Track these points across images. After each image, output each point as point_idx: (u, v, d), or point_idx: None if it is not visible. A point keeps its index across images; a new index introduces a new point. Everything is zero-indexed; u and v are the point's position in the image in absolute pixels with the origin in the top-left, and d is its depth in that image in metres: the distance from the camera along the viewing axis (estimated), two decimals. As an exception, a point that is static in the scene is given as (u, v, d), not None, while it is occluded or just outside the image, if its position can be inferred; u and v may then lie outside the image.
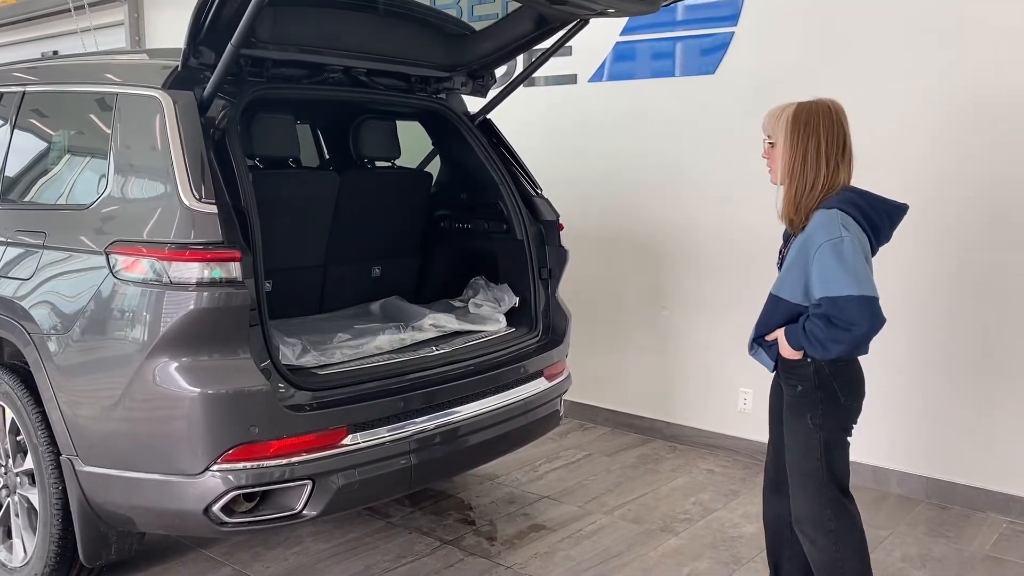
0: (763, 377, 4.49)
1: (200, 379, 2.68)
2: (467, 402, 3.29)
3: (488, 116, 3.98)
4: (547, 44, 3.71)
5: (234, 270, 2.68)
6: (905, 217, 2.59)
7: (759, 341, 2.68)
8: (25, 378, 3.08)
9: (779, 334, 2.57)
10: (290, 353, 3.09)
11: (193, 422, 2.67)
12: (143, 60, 3.66)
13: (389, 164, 4.10)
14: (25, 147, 3.51)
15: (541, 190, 3.96)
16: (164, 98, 2.86)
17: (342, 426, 2.89)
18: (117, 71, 3.26)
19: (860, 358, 2.62)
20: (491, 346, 3.55)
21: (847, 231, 2.42)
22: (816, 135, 2.52)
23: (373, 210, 3.95)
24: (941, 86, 3.92)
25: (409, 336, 3.48)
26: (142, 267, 2.71)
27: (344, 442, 2.88)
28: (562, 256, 3.88)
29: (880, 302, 2.42)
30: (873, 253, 2.56)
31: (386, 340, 3.39)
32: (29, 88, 3.52)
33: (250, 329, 2.74)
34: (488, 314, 3.79)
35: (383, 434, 2.98)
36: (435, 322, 3.62)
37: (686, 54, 4.72)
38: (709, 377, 4.79)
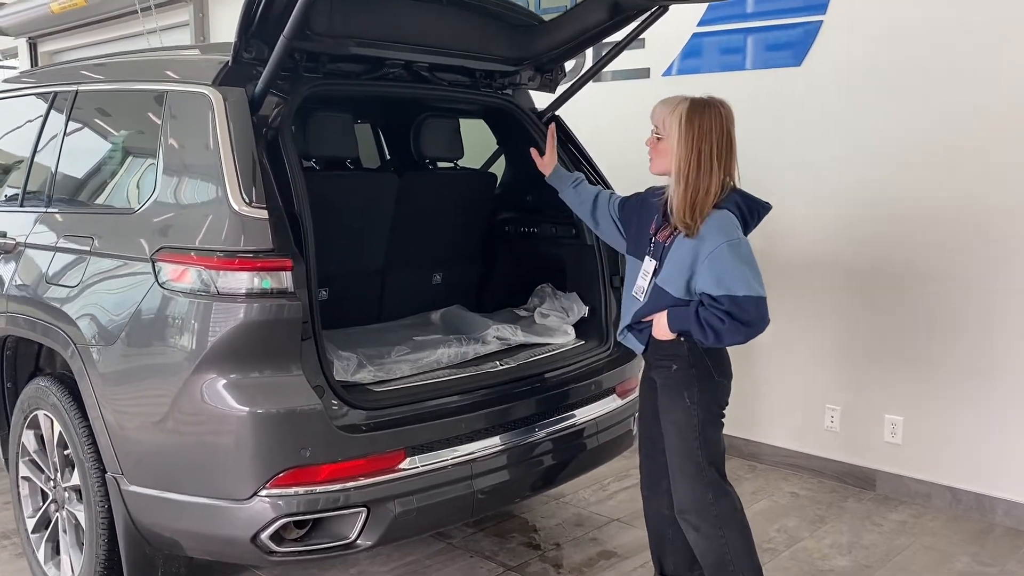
0: (854, 393, 4.21)
1: (249, 397, 2.49)
2: (534, 422, 3.06)
3: (557, 112, 3.73)
4: (620, 35, 3.45)
5: (285, 280, 2.50)
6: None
7: (631, 327, 2.77)
8: (73, 389, 2.96)
9: (657, 316, 2.63)
10: (344, 368, 2.89)
11: (241, 443, 2.49)
12: (193, 55, 3.52)
13: (451, 165, 3.90)
14: (77, 148, 3.39)
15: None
16: (214, 95, 2.68)
17: (399, 449, 2.68)
18: (166, 67, 3.11)
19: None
20: (559, 361, 3.31)
21: (740, 233, 2.55)
22: (709, 139, 2.56)
23: (434, 213, 3.76)
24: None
25: (472, 350, 3.26)
26: (189, 276, 2.54)
27: (402, 466, 2.67)
28: (635, 263, 3.62)
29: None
30: None
31: (447, 354, 3.17)
32: (82, 87, 3.41)
33: (302, 343, 2.55)
34: (555, 325, 3.55)
35: (444, 457, 2.77)
36: (499, 334, 3.39)
37: (770, 45, 4.41)
38: (793, 392, 4.45)
